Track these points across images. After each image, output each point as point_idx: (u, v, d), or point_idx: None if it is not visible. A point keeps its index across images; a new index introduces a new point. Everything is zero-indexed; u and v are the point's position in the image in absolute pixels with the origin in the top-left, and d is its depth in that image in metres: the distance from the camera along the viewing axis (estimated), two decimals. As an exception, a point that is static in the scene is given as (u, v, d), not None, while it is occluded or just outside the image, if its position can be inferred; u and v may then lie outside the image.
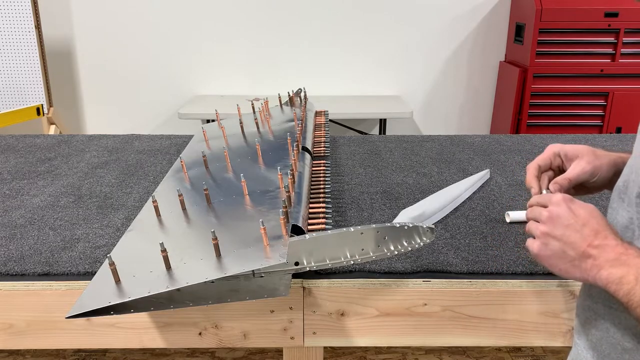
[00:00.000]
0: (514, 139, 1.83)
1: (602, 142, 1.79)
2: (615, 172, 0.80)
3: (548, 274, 0.99)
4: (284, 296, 0.88)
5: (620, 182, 0.73)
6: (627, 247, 0.64)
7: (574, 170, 0.80)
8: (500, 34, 3.33)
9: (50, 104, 2.80)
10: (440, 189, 1.34)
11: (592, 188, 0.83)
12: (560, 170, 0.84)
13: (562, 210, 0.69)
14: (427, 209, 1.18)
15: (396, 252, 0.91)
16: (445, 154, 1.67)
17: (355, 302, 0.98)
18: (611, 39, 2.90)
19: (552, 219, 0.70)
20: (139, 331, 0.99)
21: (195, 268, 0.85)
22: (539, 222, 0.72)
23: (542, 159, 0.84)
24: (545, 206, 0.72)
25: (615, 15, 2.83)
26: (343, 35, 3.30)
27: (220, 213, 1.06)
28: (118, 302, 0.80)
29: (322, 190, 1.23)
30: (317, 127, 1.74)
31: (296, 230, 0.95)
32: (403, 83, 3.42)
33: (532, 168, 0.84)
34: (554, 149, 0.84)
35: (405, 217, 1.16)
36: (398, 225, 0.91)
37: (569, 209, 0.69)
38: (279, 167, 1.17)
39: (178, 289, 0.85)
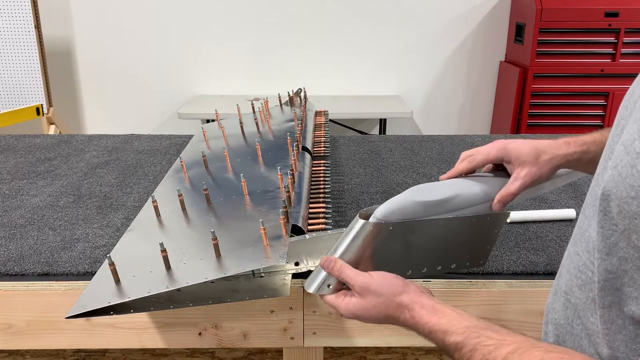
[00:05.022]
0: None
1: (602, 142, 1.79)
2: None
3: (548, 274, 0.99)
4: (284, 296, 0.88)
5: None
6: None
7: (515, 185, 0.82)
8: (500, 34, 3.33)
9: (50, 104, 2.80)
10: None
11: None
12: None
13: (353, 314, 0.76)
14: (462, 192, 0.84)
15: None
16: (445, 154, 1.67)
17: (355, 302, 0.97)
18: (611, 39, 2.90)
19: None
20: (138, 331, 0.99)
21: (195, 268, 0.85)
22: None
23: (484, 160, 0.86)
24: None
25: (615, 15, 2.82)
26: (343, 35, 3.30)
27: (220, 213, 1.06)
28: (118, 302, 0.80)
29: (322, 190, 1.23)
30: (317, 127, 1.74)
31: (296, 230, 0.95)
32: (403, 83, 3.41)
33: (465, 167, 0.87)
34: (498, 153, 0.85)
35: (417, 195, 0.82)
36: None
37: (356, 313, 0.76)
38: (279, 167, 1.17)
39: (178, 289, 0.85)
